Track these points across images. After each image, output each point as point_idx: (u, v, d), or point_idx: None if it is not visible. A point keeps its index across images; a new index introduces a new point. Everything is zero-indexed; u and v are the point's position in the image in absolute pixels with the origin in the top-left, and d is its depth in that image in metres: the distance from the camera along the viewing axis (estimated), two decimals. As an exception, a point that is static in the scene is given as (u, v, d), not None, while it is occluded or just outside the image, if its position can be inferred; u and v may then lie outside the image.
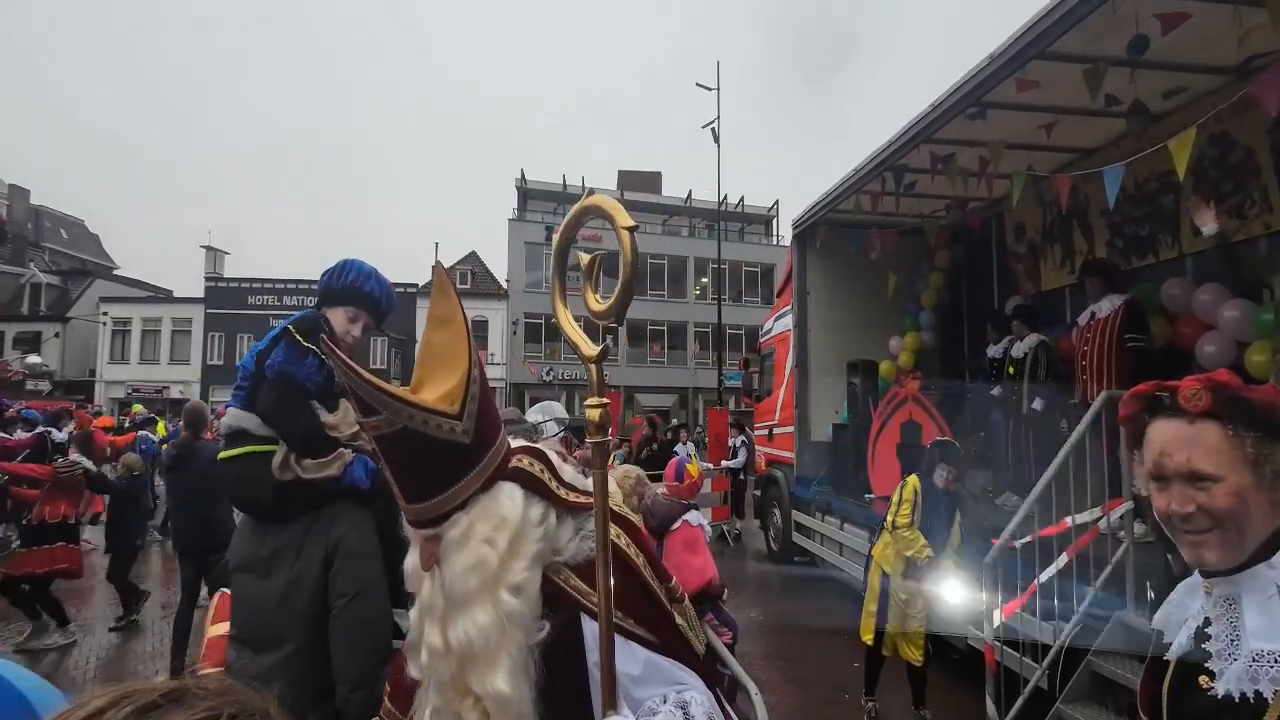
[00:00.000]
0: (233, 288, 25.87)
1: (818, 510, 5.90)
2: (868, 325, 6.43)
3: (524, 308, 26.03)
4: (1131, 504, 2.62)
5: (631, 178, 30.69)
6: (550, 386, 25.15)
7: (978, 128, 4.19)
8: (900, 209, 5.72)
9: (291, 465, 1.42)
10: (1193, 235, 4.07)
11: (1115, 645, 2.47)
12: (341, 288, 1.62)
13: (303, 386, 1.47)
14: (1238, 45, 3.23)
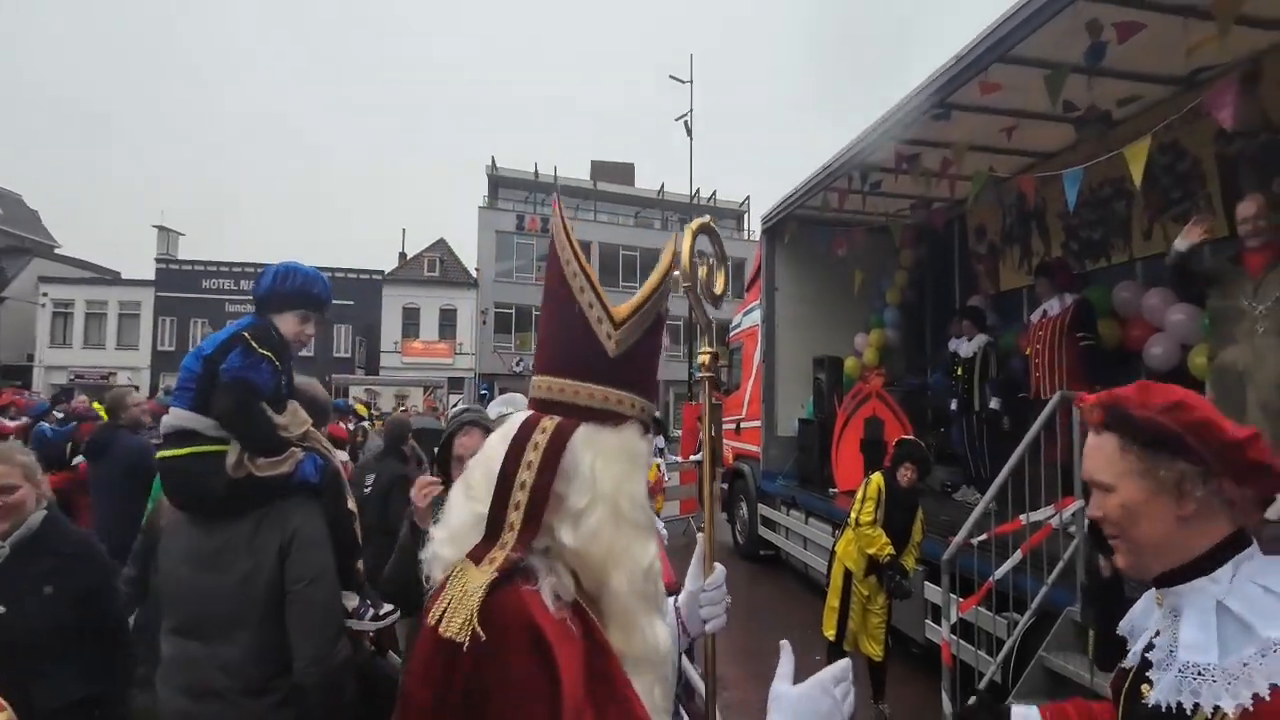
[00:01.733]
0: (185, 270, 24.72)
1: (783, 504, 5.97)
2: (834, 321, 6.51)
3: (494, 297, 25.64)
4: (1082, 502, 2.70)
5: (604, 168, 30.46)
6: (521, 377, 24.88)
7: (942, 128, 4.25)
8: (867, 207, 5.79)
9: (245, 463, 1.50)
10: (1143, 240, 4.23)
11: (1066, 640, 2.55)
12: (290, 291, 1.66)
13: (260, 391, 1.55)
14: (1186, 57, 3.34)
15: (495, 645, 0.62)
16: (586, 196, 28.54)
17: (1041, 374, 3.94)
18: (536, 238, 26.51)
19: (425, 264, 26.37)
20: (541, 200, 28.17)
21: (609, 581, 0.72)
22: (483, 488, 0.73)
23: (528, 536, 0.70)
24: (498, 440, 0.78)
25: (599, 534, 0.71)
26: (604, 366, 0.76)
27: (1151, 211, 4.11)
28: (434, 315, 25.68)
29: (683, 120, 17.57)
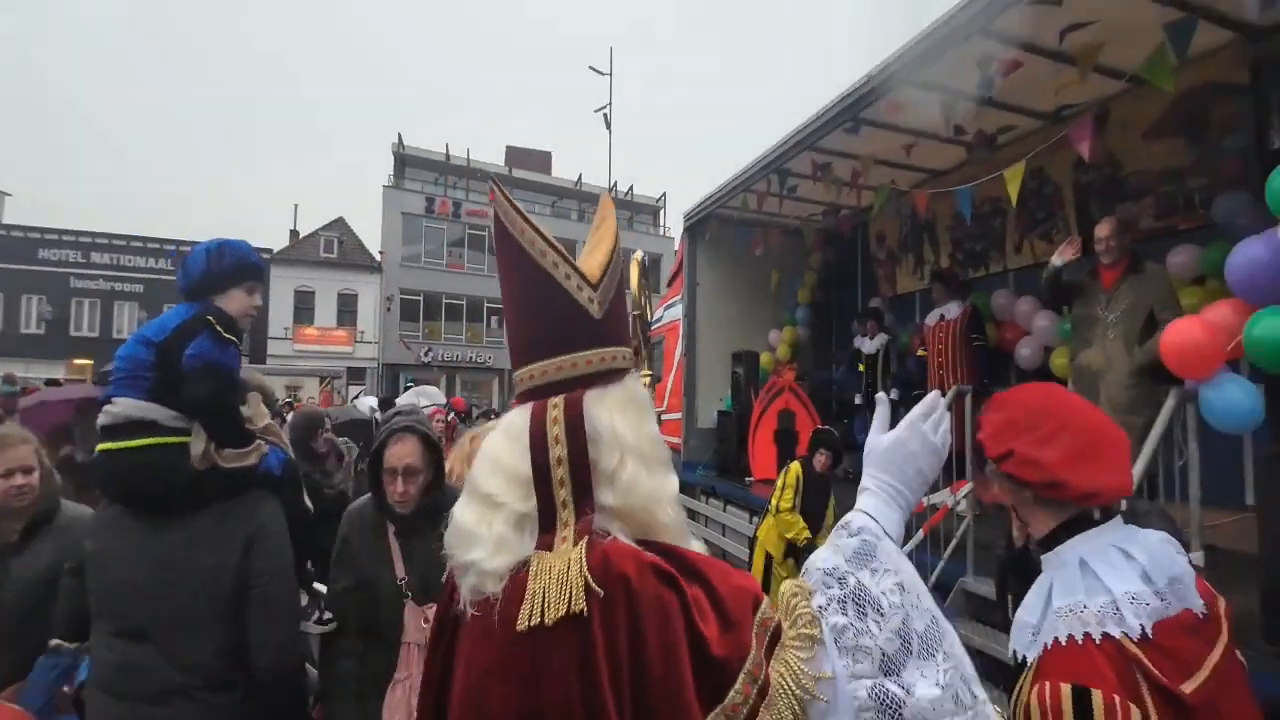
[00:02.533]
0: (17, 238, 21.02)
1: (703, 493, 6.21)
2: (751, 318, 6.83)
3: (401, 283, 24.09)
4: (971, 485, 3.08)
5: (520, 155, 29.57)
6: (429, 368, 23.68)
7: (853, 141, 4.59)
8: (783, 210, 6.13)
9: (211, 455, 1.45)
10: (1015, 253, 4.83)
11: (958, 608, 2.90)
12: (229, 268, 1.58)
13: (232, 377, 1.51)
14: (1054, 95, 3.86)
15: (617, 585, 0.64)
16: (502, 183, 27.64)
17: (944, 371, 4.34)
18: (448, 222, 25.26)
19: (321, 244, 24.18)
20: (453, 183, 26.85)
21: (655, 520, 0.74)
22: (506, 489, 0.73)
23: (586, 506, 0.71)
24: (501, 439, 0.77)
25: (636, 484, 0.73)
26: (592, 330, 0.77)
27: (1022, 228, 4.71)
28: (331, 300, 23.68)
29: (602, 112, 17.47)
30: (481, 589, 0.70)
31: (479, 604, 0.69)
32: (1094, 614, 0.84)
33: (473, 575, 0.71)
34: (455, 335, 25.10)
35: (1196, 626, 0.85)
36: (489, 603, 0.68)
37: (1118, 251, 3.09)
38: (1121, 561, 0.88)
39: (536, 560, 0.68)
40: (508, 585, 0.68)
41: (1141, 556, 0.88)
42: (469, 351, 24.92)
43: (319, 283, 23.42)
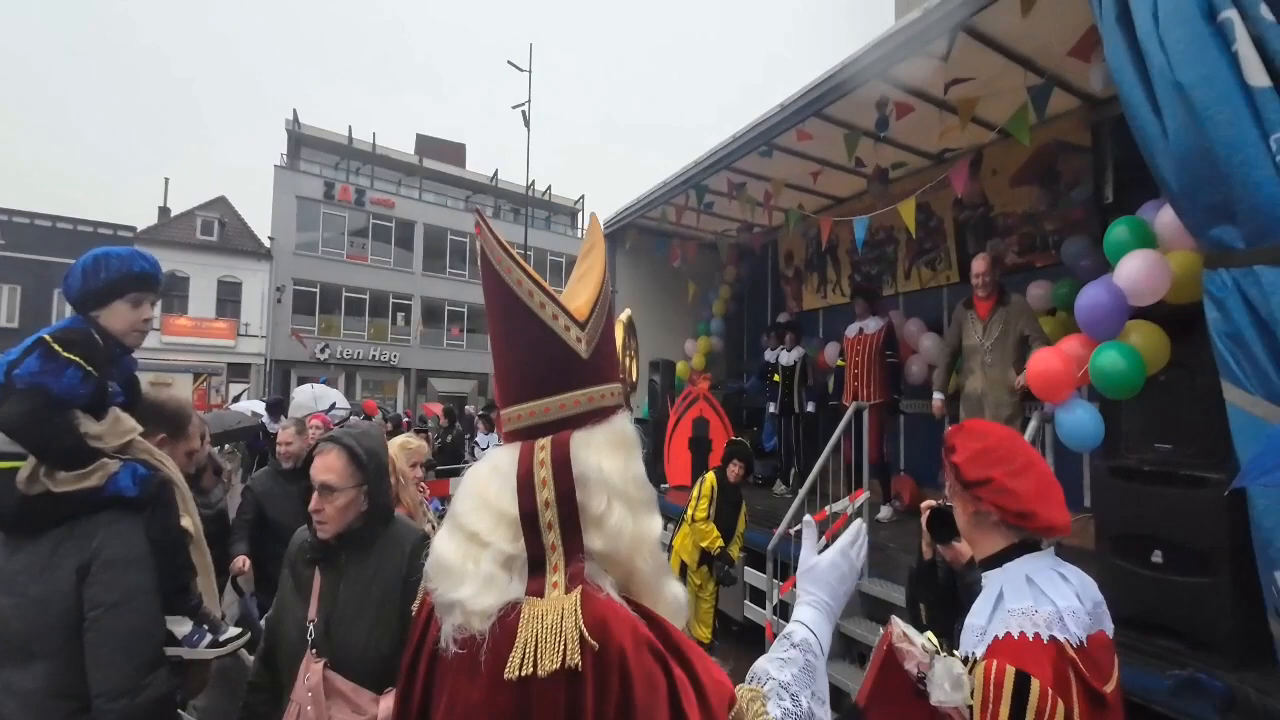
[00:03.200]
0: None
1: (619, 500, 6.26)
2: (668, 327, 6.99)
3: (294, 272, 22.01)
4: (868, 493, 3.37)
5: (432, 145, 28.17)
6: (325, 366, 21.92)
7: (765, 164, 4.86)
8: (700, 224, 6.35)
9: (41, 479, 1.37)
10: (904, 278, 5.32)
11: (854, 610, 3.15)
12: (108, 281, 1.50)
13: (58, 399, 1.39)
14: (939, 138, 4.30)
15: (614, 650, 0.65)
16: (410, 172, 26.15)
17: (859, 383, 4.53)
18: (350, 209, 23.46)
19: (198, 225, 21.53)
20: (356, 168, 25.06)
21: (635, 566, 0.75)
22: (493, 529, 0.72)
23: (575, 549, 0.71)
24: (487, 475, 0.76)
25: (622, 529, 0.73)
26: (580, 370, 0.77)
27: (911, 256, 5.21)
28: (210, 287, 21.15)
29: (520, 109, 17.06)
30: (468, 628, 0.68)
31: (463, 641, 0.68)
32: (1044, 618, 0.98)
33: (458, 614, 0.69)
34: (356, 331, 23.41)
35: (1108, 644, 1.02)
36: (474, 640, 0.67)
37: (991, 285, 3.52)
38: (1060, 582, 1.04)
39: (528, 606, 0.68)
40: (495, 627, 0.67)
41: (1074, 580, 1.05)
42: (372, 349, 23.36)
43: (195, 268, 20.86)
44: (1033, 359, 2.65)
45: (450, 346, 25.47)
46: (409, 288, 24.50)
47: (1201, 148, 1.90)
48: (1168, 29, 1.98)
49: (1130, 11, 2.10)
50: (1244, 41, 1.83)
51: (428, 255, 25.09)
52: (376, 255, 24.02)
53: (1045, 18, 2.91)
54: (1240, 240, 1.87)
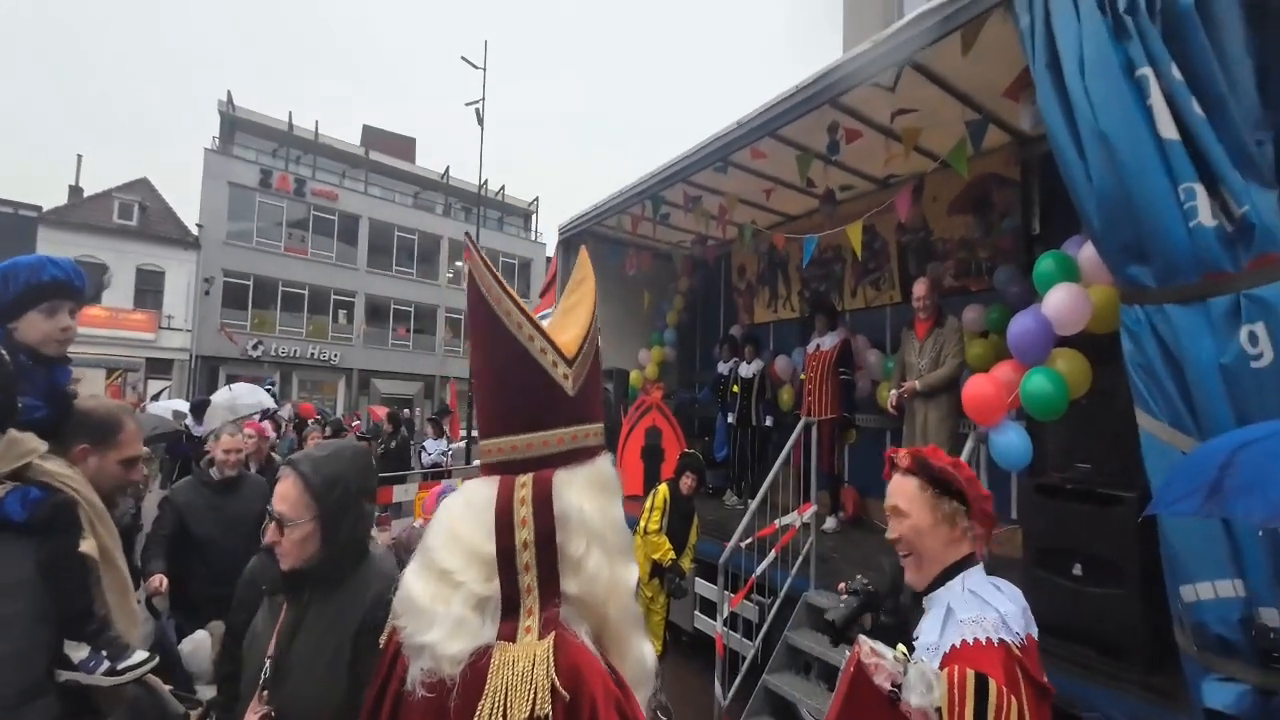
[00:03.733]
0: None
1: (569, 510, 6.18)
2: (622, 336, 6.98)
3: (224, 263, 20.65)
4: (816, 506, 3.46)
5: (379, 137, 27.18)
6: (258, 364, 20.67)
7: (721, 180, 4.94)
8: (656, 235, 6.38)
9: None
10: (850, 296, 5.52)
11: (800, 621, 3.22)
12: (17, 295, 1.47)
13: None
14: (884, 164, 4.50)
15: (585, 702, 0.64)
16: (356, 164, 25.12)
17: (813, 399, 4.61)
18: (288, 199, 22.26)
19: (116, 207, 19.85)
20: (296, 157, 23.84)
21: (608, 614, 0.73)
22: (465, 568, 0.70)
23: (551, 592, 0.70)
24: (461, 509, 0.73)
25: (599, 574, 0.72)
26: (565, 408, 0.75)
27: (856, 276, 5.41)
28: (128, 276, 19.51)
29: (474, 107, 16.71)
30: (437, 672, 0.66)
31: (431, 685, 0.66)
32: (990, 624, 1.08)
33: (427, 658, 0.67)
34: (293, 328, 22.19)
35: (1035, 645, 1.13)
36: (443, 685, 0.66)
37: (931, 308, 3.70)
38: (996, 591, 1.15)
39: (499, 652, 0.66)
40: (466, 672, 0.66)
41: (1006, 589, 1.16)
42: (310, 347, 22.21)
43: (111, 254, 19.14)
44: (968, 383, 2.80)
45: (395, 346, 24.57)
46: (352, 284, 23.48)
47: (1119, 192, 2.06)
48: (1092, 79, 2.14)
49: (1060, 60, 2.26)
50: (1157, 97, 2.00)
51: (373, 251, 24.14)
52: (317, 249, 22.91)
53: (984, 58, 3.09)
54: (1152, 279, 2.03)
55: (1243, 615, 1.78)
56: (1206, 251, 1.89)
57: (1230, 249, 1.87)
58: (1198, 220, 1.90)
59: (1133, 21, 2.06)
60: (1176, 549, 1.92)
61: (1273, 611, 1.73)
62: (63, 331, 1.53)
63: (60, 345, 1.54)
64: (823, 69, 3.47)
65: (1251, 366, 1.78)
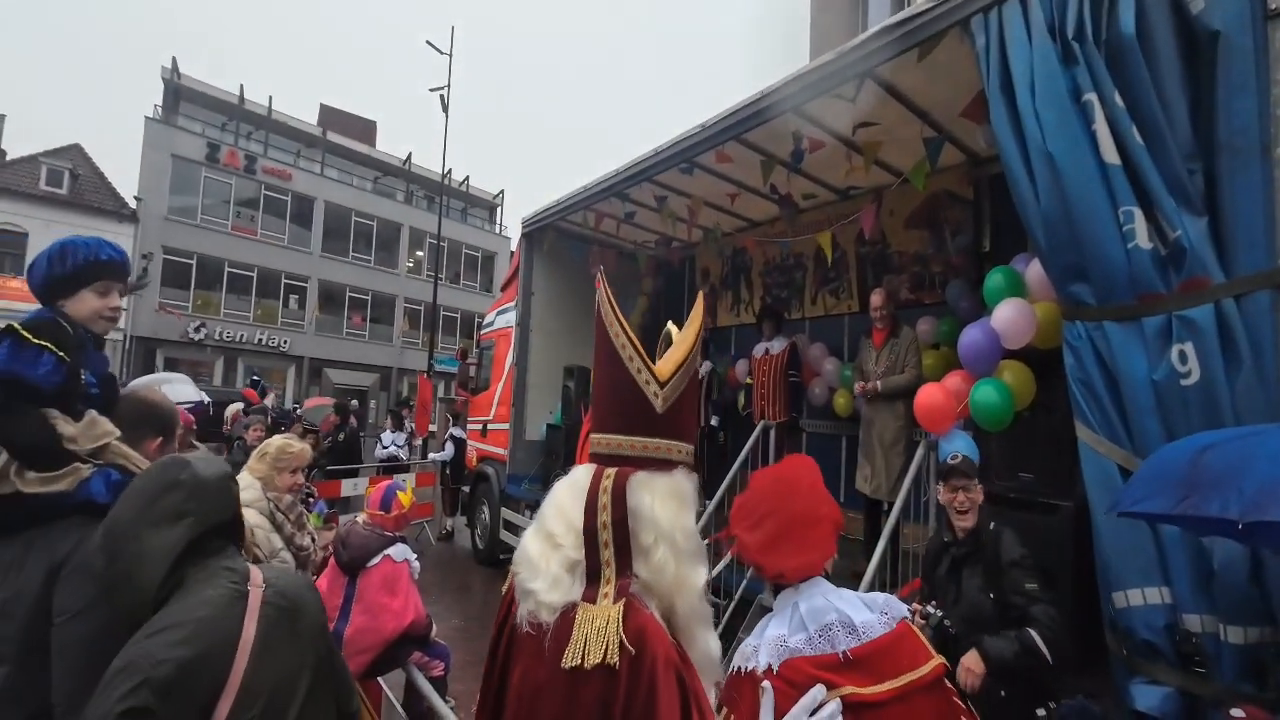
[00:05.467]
0: None
1: (527, 508, 6.09)
2: (585, 332, 6.90)
3: (165, 239, 19.41)
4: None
5: (338, 118, 26.18)
6: (200, 347, 19.60)
7: (687, 181, 4.93)
8: (621, 233, 6.34)
9: (11, 478, 1.36)
10: (811, 304, 5.61)
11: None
12: (73, 270, 1.52)
13: (34, 389, 1.39)
14: (845, 176, 4.58)
15: (647, 659, 0.79)
16: (312, 144, 24.10)
17: (766, 402, 4.64)
18: (237, 176, 21.12)
19: (44, 173, 18.41)
20: (248, 133, 22.69)
21: (675, 605, 0.88)
22: (565, 534, 0.88)
23: (625, 569, 0.86)
24: (565, 491, 0.93)
25: (665, 568, 0.86)
26: (652, 421, 0.93)
27: (817, 284, 5.51)
28: (54, 251, 18.23)
29: (439, 93, 16.30)
30: (537, 616, 0.85)
31: (534, 625, 0.84)
32: (744, 654, 1.07)
33: (531, 602, 0.86)
34: (240, 311, 21.11)
35: (833, 664, 1.00)
36: (541, 628, 0.84)
37: (887, 318, 3.78)
38: (789, 614, 1.07)
39: (582, 610, 0.83)
40: (558, 621, 0.83)
41: (804, 607, 1.06)
42: (258, 332, 21.18)
43: (35, 223, 17.76)
44: (920, 392, 2.88)
45: (350, 335, 23.72)
46: (305, 268, 22.53)
47: (1064, 212, 2.14)
48: (1041, 103, 2.22)
49: (1013, 82, 2.33)
50: (1101, 122, 2.08)
51: (329, 235, 23.23)
52: (268, 230, 21.89)
53: (942, 77, 3.17)
54: (1092, 297, 2.12)
55: (1168, 621, 1.87)
56: (1142, 273, 1.98)
57: (1163, 271, 1.96)
58: (1135, 242, 1.99)
59: (1080, 48, 2.14)
60: (1110, 556, 2.01)
61: (1195, 618, 1.82)
62: (111, 310, 1.58)
63: (107, 324, 1.58)
64: (786, 77, 3.51)
65: (1181, 384, 1.88)
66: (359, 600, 2.18)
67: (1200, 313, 1.86)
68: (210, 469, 1.19)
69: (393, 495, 2.42)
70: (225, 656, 1.01)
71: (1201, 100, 1.99)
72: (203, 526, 1.12)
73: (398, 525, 2.38)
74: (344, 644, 2.05)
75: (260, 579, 1.13)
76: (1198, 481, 1.20)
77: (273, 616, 1.09)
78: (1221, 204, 1.92)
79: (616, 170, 5.03)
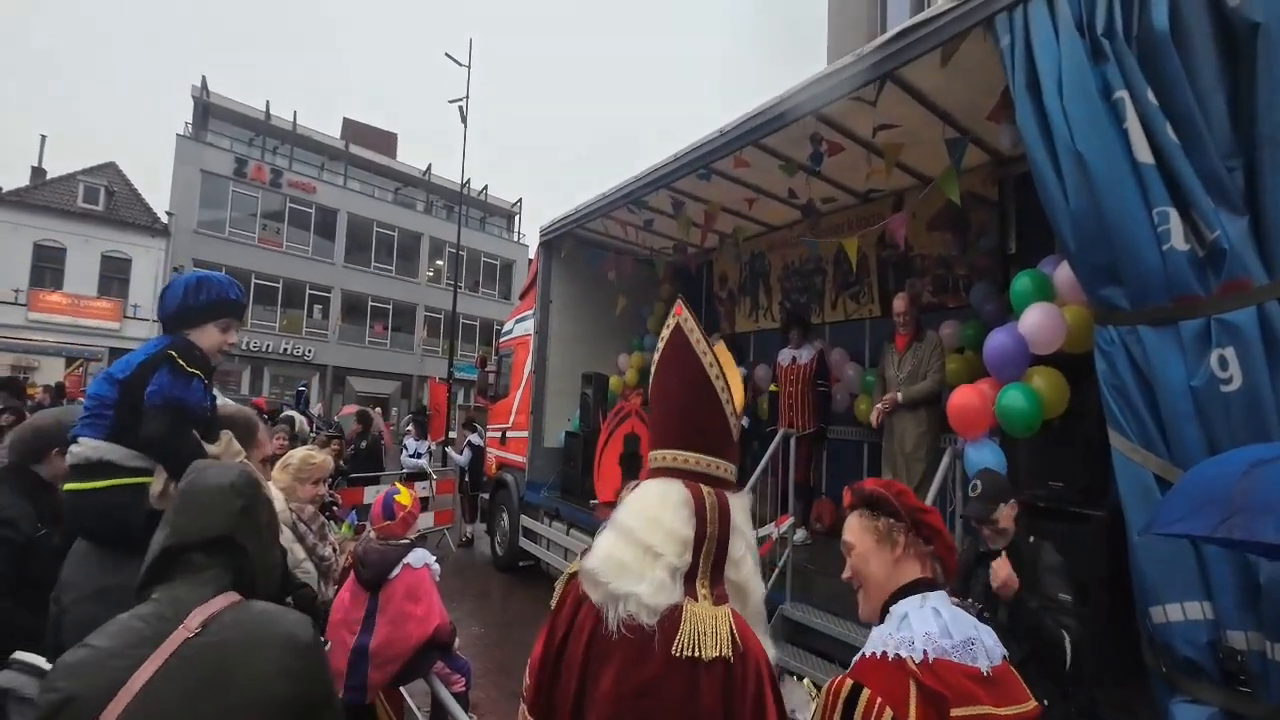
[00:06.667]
0: None
1: (546, 515, 6.09)
2: (603, 340, 6.91)
3: (194, 253, 20.04)
4: (794, 519, 3.43)
5: (360, 130, 26.76)
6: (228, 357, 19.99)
7: (704, 187, 4.92)
8: (639, 239, 6.34)
9: (171, 494, 1.42)
10: (831, 309, 5.54)
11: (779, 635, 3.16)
12: (206, 304, 1.64)
13: (193, 412, 1.52)
14: (865, 179, 4.52)
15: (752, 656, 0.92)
16: (335, 157, 24.66)
17: (794, 411, 4.54)
18: (264, 190, 21.76)
19: (81, 191, 19.13)
20: (273, 147, 23.31)
21: (749, 603, 1.01)
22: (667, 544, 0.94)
23: (719, 574, 0.97)
24: (658, 503, 0.98)
25: (752, 572, 1.02)
26: (730, 444, 1.05)
27: (837, 288, 5.44)
28: (92, 262, 18.82)
29: (458, 105, 16.54)
30: (638, 617, 0.90)
31: (631, 628, 0.90)
32: (895, 641, 1.06)
33: (632, 604, 0.91)
34: (266, 321, 21.67)
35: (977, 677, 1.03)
36: (641, 629, 0.89)
37: (911, 323, 3.71)
38: (934, 616, 1.09)
39: (689, 607, 0.92)
40: (663, 619, 0.90)
41: (946, 615, 1.09)
42: (284, 342, 21.70)
43: (74, 239, 18.47)
44: (954, 394, 2.80)
45: (373, 344, 24.13)
46: (328, 279, 23.03)
47: (1095, 213, 2.08)
48: (1070, 101, 2.16)
49: (1039, 80, 2.27)
50: (1133, 120, 2.02)
51: (351, 246, 23.73)
52: (293, 241, 22.44)
53: (964, 77, 3.11)
54: (1126, 301, 2.05)
55: (1210, 638, 1.79)
56: (1178, 275, 1.91)
57: (1201, 273, 1.89)
58: (1170, 244, 1.92)
59: (1110, 45, 2.08)
60: (1147, 570, 1.93)
61: (1240, 634, 1.74)
62: (229, 346, 1.71)
63: (221, 359, 1.70)
64: (805, 80, 3.48)
65: (1221, 390, 1.80)
66: (383, 612, 2.18)
67: (1242, 316, 1.79)
68: (213, 477, 1.11)
69: (392, 501, 2.42)
70: (97, 702, 0.85)
71: (1241, 95, 1.92)
72: (179, 538, 1.03)
73: (407, 527, 2.39)
74: (370, 656, 2.06)
75: (200, 623, 0.94)
76: (1247, 501, 1.11)
77: (180, 672, 0.90)
78: (1263, 202, 1.84)
79: (634, 177, 5.03)
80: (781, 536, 3.41)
